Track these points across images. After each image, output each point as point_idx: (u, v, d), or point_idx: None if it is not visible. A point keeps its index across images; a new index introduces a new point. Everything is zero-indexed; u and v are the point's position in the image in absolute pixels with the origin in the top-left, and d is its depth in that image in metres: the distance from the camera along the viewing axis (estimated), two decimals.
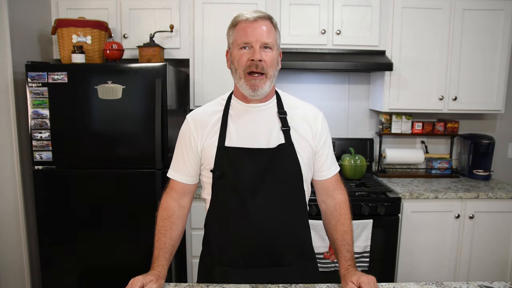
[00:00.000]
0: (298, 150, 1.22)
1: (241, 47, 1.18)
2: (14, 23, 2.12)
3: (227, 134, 1.22)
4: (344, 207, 1.30)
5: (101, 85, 2.07)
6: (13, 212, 2.18)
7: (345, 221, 1.28)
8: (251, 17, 1.17)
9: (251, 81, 1.18)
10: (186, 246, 2.35)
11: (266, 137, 1.21)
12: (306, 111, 1.29)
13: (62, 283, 2.20)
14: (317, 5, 2.46)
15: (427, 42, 2.51)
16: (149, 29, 2.40)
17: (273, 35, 1.19)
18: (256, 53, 1.15)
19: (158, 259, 1.16)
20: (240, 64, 1.18)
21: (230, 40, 1.22)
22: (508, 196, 2.36)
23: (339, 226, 1.27)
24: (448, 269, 2.42)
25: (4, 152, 2.14)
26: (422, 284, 1.16)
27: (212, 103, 1.32)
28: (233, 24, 1.21)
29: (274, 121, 1.24)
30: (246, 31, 1.16)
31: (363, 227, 2.23)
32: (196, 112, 1.30)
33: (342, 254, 1.22)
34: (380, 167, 2.88)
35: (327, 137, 1.30)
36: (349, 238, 1.26)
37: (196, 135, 1.25)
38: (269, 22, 1.19)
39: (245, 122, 1.23)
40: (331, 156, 1.32)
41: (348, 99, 2.88)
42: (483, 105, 2.60)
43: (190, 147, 1.25)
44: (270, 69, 1.18)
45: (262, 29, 1.16)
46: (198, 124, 1.26)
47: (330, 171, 1.31)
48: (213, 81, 2.48)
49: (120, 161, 2.13)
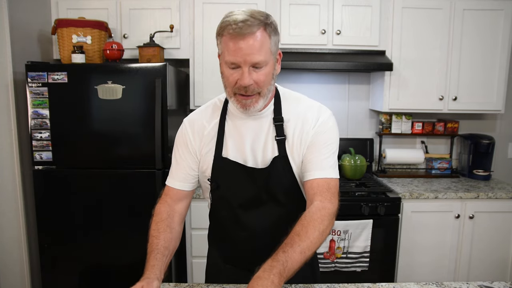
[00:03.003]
0: (292, 161, 1.14)
1: (228, 66, 1.04)
2: (14, 23, 2.12)
3: (224, 143, 1.17)
4: (315, 213, 1.02)
5: (101, 85, 2.07)
6: (13, 212, 2.18)
7: (304, 223, 1.00)
8: (238, 30, 0.98)
9: (241, 101, 1.07)
10: (186, 246, 2.35)
11: (262, 150, 1.14)
12: (309, 107, 1.18)
13: (62, 283, 2.20)
14: (317, 5, 2.45)
15: (427, 42, 2.51)
16: (149, 29, 2.40)
17: (266, 47, 1.02)
18: (245, 77, 1.02)
19: (148, 261, 1.07)
20: (229, 83, 1.07)
21: (219, 49, 1.08)
22: (508, 196, 2.35)
23: (296, 226, 1.00)
24: (448, 269, 2.42)
25: (4, 152, 2.14)
26: (422, 284, 1.16)
27: (209, 106, 1.24)
28: (219, 32, 1.04)
29: (269, 130, 1.15)
30: (233, 49, 1.00)
31: (363, 227, 2.23)
32: (194, 116, 1.24)
33: (276, 253, 0.94)
34: (380, 167, 2.88)
35: (324, 134, 1.13)
36: (298, 243, 0.95)
37: (193, 139, 1.20)
38: (262, 31, 1.00)
39: (241, 132, 1.16)
40: (324, 157, 1.12)
41: (348, 99, 2.88)
42: (483, 105, 2.60)
43: (187, 151, 1.20)
44: (264, 87, 1.06)
45: (252, 46, 0.99)
46: (195, 128, 1.20)
47: (315, 173, 1.10)
48: (213, 81, 2.48)
49: (120, 161, 2.13)
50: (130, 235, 2.16)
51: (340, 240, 2.24)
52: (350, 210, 2.24)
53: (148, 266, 1.04)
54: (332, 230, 2.20)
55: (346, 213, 2.19)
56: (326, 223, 1.01)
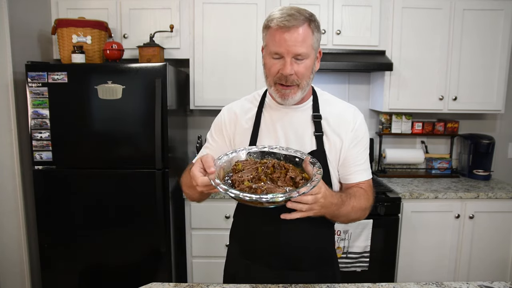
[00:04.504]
0: (329, 157, 1.16)
1: (272, 55, 1.09)
2: (14, 23, 2.12)
3: (259, 135, 1.19)
4: (360, 190, 1.18)
5: (101, 85, 2.07)
6: (13, 212, 2.18)
7: (358, 192, 1.16)
8: (285, 23, 1.04)
9: (281, 91, 1.12)
10: (186, 246, 2.35)
11: (299, 143, 1.16)
12: (346, 107, 1.22)
13: (62, 283, 2.20)
14: (317, 5, 2.45)
15: (427, 42, 2.51)
16: (149, 29, 2.40)
17: (309, 42, 1.07)
18: (287, 67, 1.06)
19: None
20: (270, 73, 1.12)
21: (263, 42, 1.14)
22: (508, 196, 2.35)
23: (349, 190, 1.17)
24: (448, 269, 2.42)
25: (4, 152, 2.14)
26: (422, 284, 1.16)
27: (248, 98, 1.29)
28: (266, 25, 1.11)
29: (307, 125, 1.18)
30: (278, 40, 1.06)
31: (363, 227, 2.23)
32: (233, 105, 1.28)
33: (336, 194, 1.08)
34: (380, 167, 2.88)
35: (362, 138, 1.20)
36: (354, 196, 1.12)
37: (229, 127, 1.23)
38: (306, 26, 1.06)
39: (278, 125, 1.19)
40: (364, 160, 1.20)
41: (348, 99, 2.88)
42: (483, 105, 2.60)
43: (221, 136, 1.25)
44: (303, 79, 1.10)
45: (296, 38, 1.04)
46: (232, 117, 1.24)
47: (359, 176, 1.19)
48: (213, 81, 2.48)
49: (120, 161, 2.13)
50: (130, 235, 2.16)
51: (340, 240, 2.24)
52: None
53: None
54: None
55: None
56: (368, 204, 1.17)
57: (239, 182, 0.96)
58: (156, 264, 2.18)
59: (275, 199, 0.87)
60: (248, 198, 0.87)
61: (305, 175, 1.00)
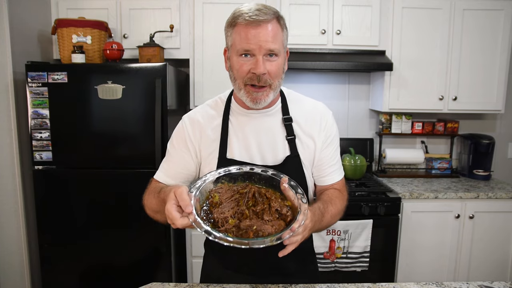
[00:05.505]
0: (304, 161, 1.13)
1: (240, 54, 1.01)
2: (14, 23, 2.12)
3: (228, 144, 1.11)
4: (335, 193, 1.16)
5: (101, 85, 2.07)
6: (13, 212, 2.18)
7: (333, 196, 1.14)
8: (254, 18, 0.98)
9: (252, 93, 1.04)
10: (186, 246, 2.35)
11: (272, 149, 1.11)
12: (314, 106, 1.18)
13: (62, 283, 2.20)
14: (317, 5, 2.45)
15: (427, 42, 2.51)
16: (149, 29, 2.40)
17: (280, 38, 1.02)
18: (259, 66, 0.99)
19: (161, 193, 1.02)
20: (239, 74, 1.03)
21: (229, 42, 1.06)
22: (508, 196, 2.35)
23: (323, 196, 1.15)
24: (448, 269, 2.42)
25: (4, 152, 2.14)
26: (422, 284, 1.16)
27: (210, 105, 1.19)
28: (231, 23, 1.04)
29: (278, 129, 1.12)
30: (247, 36, 0.99)
31: (363, 227, 2.23)
32: (195, 114, 1.17)
33: (314, 207, 1.03)
34: (380, 167, 2.88)
35: (333, 138, 1.17)
36: (330, 203, 1.10)
37: (193, 137, 1.14)
38: (275, 22, 1.02)
39: (247, 131, 1.12)
40: (337, 159, 1.19)
41: (348, 99, 2.88)
42: (483, 105, 2.60)
43: (185, 149, 1.14)
44: (275, 79, 1.04)
45: (267, 33, 0.99)
46: (196, 127, 1.14)
47: (333, 177, 1.18)
48: (213, 81, 2.48)
49: (120, 161, 2.13)
50: (130, 235, 2.16)
51: (340, 240, 2.24)
52: (350, 210, 2.18)
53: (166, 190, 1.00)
54: (332, 230, 2.21)
55: (346, 213, 2.13)
56: (344, 205, 1.16)
57: (222, 220, 0.89)
58: (156, 264, 2.18)
59: (271, 243, 0.83)
60: (244, 246, 0.82)
61: (288, 203, 0.95)
